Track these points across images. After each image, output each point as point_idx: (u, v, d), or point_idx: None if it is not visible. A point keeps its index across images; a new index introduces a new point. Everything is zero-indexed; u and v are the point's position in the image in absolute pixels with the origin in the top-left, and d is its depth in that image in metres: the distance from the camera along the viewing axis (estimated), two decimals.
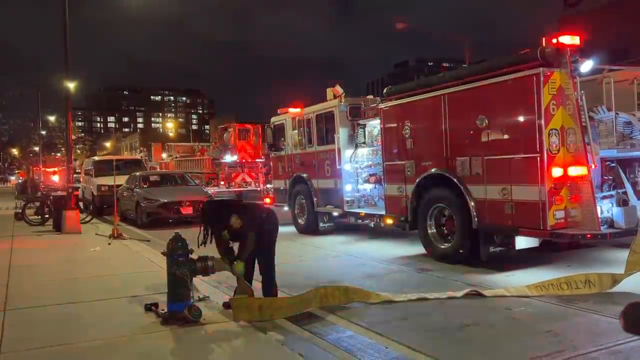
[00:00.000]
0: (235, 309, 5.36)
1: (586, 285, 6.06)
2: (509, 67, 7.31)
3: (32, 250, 10.90)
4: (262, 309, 5.34)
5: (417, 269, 8.05)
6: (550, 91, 6.81)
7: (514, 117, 7.20)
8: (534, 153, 6.87)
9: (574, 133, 6.85)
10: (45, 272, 8.27)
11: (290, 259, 9.40)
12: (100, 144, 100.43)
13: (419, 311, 5.77)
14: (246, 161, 25.63)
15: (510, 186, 7.18)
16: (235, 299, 5.58)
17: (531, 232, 7.06)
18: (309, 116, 12.24)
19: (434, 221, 8.64)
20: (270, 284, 6.00)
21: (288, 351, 4.52)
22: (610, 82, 7.62)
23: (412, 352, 4.57)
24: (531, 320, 5.37)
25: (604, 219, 6.88)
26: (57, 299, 6.43)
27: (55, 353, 4.67)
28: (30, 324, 5.55)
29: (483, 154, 7.56)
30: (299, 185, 12.73)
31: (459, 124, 8.00)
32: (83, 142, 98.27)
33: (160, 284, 5.99)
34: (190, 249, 5.50)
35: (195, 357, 4.51)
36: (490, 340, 4.87)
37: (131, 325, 5.34)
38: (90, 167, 21.73)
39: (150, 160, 35.50)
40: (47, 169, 47.05)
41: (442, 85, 8.42)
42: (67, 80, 15.34)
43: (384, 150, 9.77)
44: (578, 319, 5.33)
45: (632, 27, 28.84)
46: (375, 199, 11.09)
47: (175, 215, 15.12)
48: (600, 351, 4.38)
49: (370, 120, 10.70)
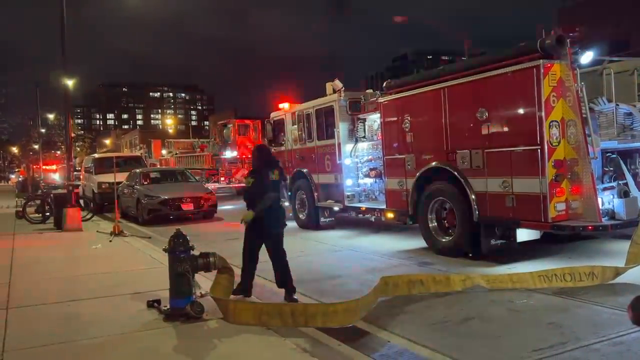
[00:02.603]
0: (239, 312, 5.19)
1: (589, 277, 6.06)
2: (509, 60, 7.29)
3: (34, 248, 10.90)
4: (295, 315, 5.02)
5: (418, 263, 8.06)
6: (551, 83, 6.79)
7: (515, 110, 7.18)
8: (534, 145, 6.85)
9: (574, 125, 6.84)
10: (47, 270, 8.28)
11: (292, 254, 9.35)
12: (100, 141, 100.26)
13: (421, 304, 5.78)
14: (246, 157, 25.63)
15: (511, 179, 7.17)
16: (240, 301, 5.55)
17: (532, 224, 7.06)
18: (309, 111, 12.23)
19: (434, 214, 8.64)
20: (286, 273, 6.09)
21: (290, 345, 4.53)
22: (610, 73, 7.61)
23: (414, 345, 4.58)
24: (533, 312, 5.38)
25: (605, 211, 6.88)
26: (59, 297, 6.43)
27: (58, 351, 4.67)
28: (33, 321, 5.56)
29: (483, 146, 7.54)
30: (299, 181, 12.73)
31: (459, 117, 7.98)
32: (83, 140, 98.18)
33: (162, 281, 5.99)
34: (191, 246, 5.50)
35: (198, 353, 4.51)
36: (492, 332, 4.87)
37: (134, 321, 5.35)
38: (91, 165, 21.72)
39: (150, 157, 35.47)
40: (47, 166, 47.06)
41: (442, 79, 8.40)
42: (66, 77, 15.30)
43: (384, 144, 9.76)
44: (580, 311, 5.33)
45: (632, 18, 28.73)
46: (376, 193, 11.09)
47: (176, 211, 15.13)
48: (602, 342, 4.39)
49: (370, 114, 10.69)
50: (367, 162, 10.98)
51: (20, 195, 24.03)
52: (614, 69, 7.66)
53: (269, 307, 5.25)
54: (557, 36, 6.83)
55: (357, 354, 4.35)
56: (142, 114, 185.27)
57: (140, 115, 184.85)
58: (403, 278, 6.19)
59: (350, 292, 6.28)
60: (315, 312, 5.07)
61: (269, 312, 5.09)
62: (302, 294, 6.52)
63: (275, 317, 5.03)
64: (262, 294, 6.46)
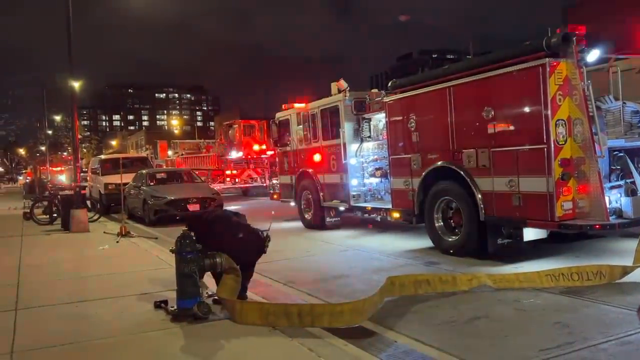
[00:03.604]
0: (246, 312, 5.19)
1: (597, 276, 6.02)
2: (515, 59, 7.26)
3: (41, 249, 10.96)
4: (301, 315, 4.98)
5: (424, 262, 8.05)
6: (557, 82, 6.76)
7: (521, 109, 7.15)
8: (540, 144, 6.83)
9: (581, 123, 6.80)
10: (55, 271, 8.32)
11: (298, 254, 9.44)
12: (106, 143, 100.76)
13: (427, 304, 5.77)
14: (252, 157, 25.68)
15: (517, 178, 7.15)
16: (246, 302, 5.56)
17: (539, 223, 7.03)
18: (314, 111, 12.24)
19: (440, 214, 8.62)
20: None
21: (296, 345, 4.54)
22: (617, 71, 7.57)
23: (421, 345, 4.58)
24: (540, 312, 5.36)
25: (612, 209, 6.84)
26: (67, 298, 6.47)
27: (67, 351, 4.70)
28: (41, 322, 5.59)
29: (489, 145, 7.52)
30: (305, 181, 12.74)
31: (465, 116, 7.96)
32: (89, 141, 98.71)
33: (169, 281, 6.02)
34: (198, 246, 5.51)
35: (205, 353, 4.53)
36: (499, 332, 4.86)
37: (141, 322, 5.37)
38: (97, 166, 21.82)
39: (156, 158, 35.62)
40: (54, 168, 47.33)
41: (447, 78, 8.38)
42: (72, 79, 15.38)
43: (390, 144, 9.75)
44: (587, 310, 5.31)
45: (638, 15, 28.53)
46: (382, 193, 11.08)
47: (182, 212, 15.16)
48: (610, 342, 4.37)
49: (375, 114, 10.68)
50: (373, 161, 10.97)
51: (27, 196, 24.14)
52: (620, 67, 7.62)
53: (276, 307, 5.26)
54: (562, 34, 6.80)
55: (363, 354, 4.35)
56: (148, 115, 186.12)
57: (146, 117, 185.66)
58: (409, 278, 6.18)
59: (357, 292, 6.28)
60: (321, 312, 5.07)
61: (275, 312, 5.09)
62: (308, 294, 6.53)
63: (281, 317, 5.03)
64: (268, 294, 6.48)
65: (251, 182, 25.60)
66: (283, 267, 8.24)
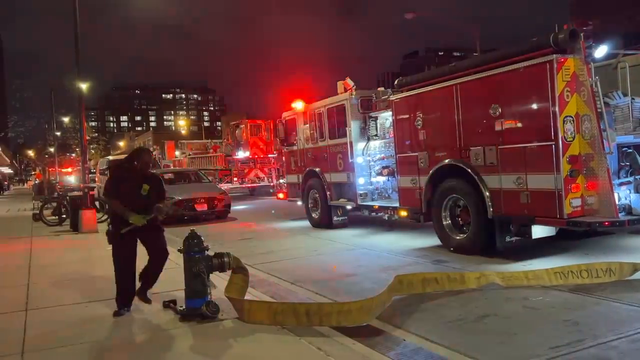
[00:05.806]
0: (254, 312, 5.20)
1: (607, 273, 5.98)
2: (522, 55, 7.22)
3: (51, 250, 11.04)
4: (309, 314, 4.99)
5: (433, 261, 8.03)
6: (564, 78, 6.72)
7: (528, 105, 7.12)
8: (548, 141, 6.79)
9: (589, 120, 6.75)
10: (64, 272, 8.38)
11: (306, 253, 9.44)
12: (114, 144, 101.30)
13: (436, 302, 5.76)
14: (259, 157, 25.72)
15: (525, 175, 7.11)
16: (255, 301, 5.57)
17: (548, 220, 6.99)
18: (320, 110, 12.23)
19: (448, 212, 8.59)
20: None
21: (305, 344, 4.54)
22: (625, 66, 7.51)
23: (430, 344, 4.57)
24: (549, 309, 5.33)
25: (621, 206, 6.80)
26: (76, 298, 6.51)
27: (76, 351, 4.73)
28: (51, 323, 5.63)
29: (497, 143, 7.49)
30: (311, 180, 12.74)
31: (472, 114, 7.93)
32: (97, 142, 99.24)
33: (177, 281, 6.04)
34: (206, 246, 5.53)
35: (214, 353, 4.55)
36: (508, 330, 4.84)
37: (150, 322, 5.40)
38: (105, 167, 21.95)
39: (164, 158, 35.70)
40: (63, 169, 47.62)
41: (454, 75, 8.35)
42: (80, 81, 15.47)
43: (397, 142, 9.73)
44: (597, 308, 5.28)
45: None
46: (389, 192, 11.06)
47: (190, 212, 15.24)
48: (620, 339, 4.34)
49: (382, 112, 10.66)
50: (380, 160, 10.95)
51: (36, 198, 24.32)
52: (629, 63, 7.56)
53: (284, 307, 5.27)
54: (570, 30, 6.75)
55: (372, 353, 4.34)
56: (155, 115, 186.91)
57: (154, 117, 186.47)
58: (417, 276, 6.17)
59: (365, 291, 6.27)
60: (329, 311, 5.07)
61: (283, 312, 5.10)
62: (316, 293, 6.54)
63: (289, 316, 5.04)
64: (276, 293, 6.49)
65: (258, 181, 25.67)
66: (290, 266, 8.25)
